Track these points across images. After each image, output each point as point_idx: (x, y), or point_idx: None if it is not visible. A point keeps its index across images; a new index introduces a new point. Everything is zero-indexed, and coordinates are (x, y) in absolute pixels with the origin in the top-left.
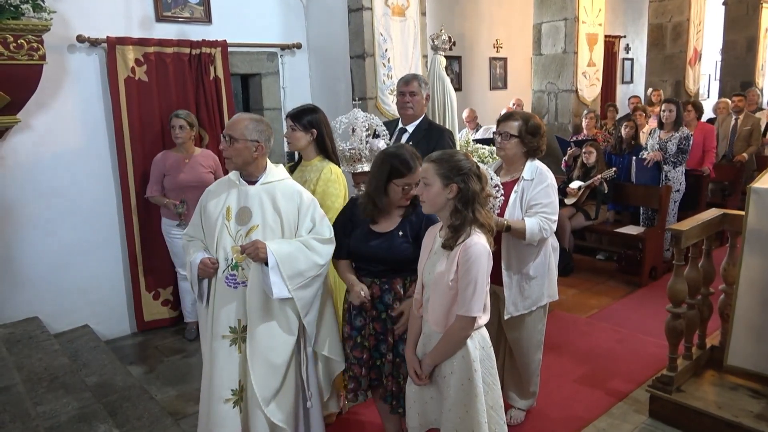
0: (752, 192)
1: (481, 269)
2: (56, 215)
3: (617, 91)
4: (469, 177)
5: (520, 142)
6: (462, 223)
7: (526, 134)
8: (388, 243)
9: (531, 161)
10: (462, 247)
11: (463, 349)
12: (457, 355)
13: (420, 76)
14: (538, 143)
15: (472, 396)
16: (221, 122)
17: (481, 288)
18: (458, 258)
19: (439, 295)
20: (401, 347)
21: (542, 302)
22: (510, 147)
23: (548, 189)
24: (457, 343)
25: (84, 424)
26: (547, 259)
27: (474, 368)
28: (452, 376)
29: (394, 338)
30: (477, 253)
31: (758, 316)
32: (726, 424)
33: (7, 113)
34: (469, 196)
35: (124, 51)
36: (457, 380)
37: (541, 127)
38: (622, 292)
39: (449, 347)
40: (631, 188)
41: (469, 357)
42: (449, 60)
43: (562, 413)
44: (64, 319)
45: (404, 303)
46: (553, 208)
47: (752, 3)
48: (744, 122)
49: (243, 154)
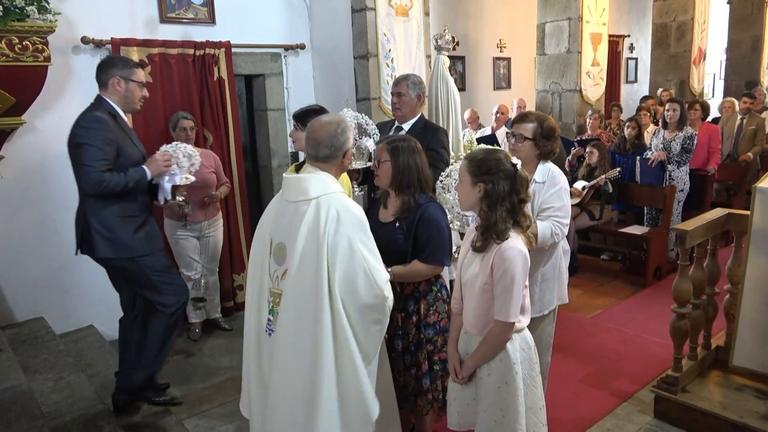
0: (757, 192)
1: (517, 273)
2: (61, 216)
3: (621, 90)
4: (497, 177)
5: (534, 145)
6: (489, 225)
7: (541, 137)
8: (389, 234)
9: (543, 164)
10: (497, 251)
11: (503, 352)
12: (495, 358)
13: (412, 76)
14: (551, 146)
15: (510, 399)
16: (225, 123)
17: (518, 293)
18: (493, 261)
19: (472, 297)
20: (396, 342)
21: (553, 306)
22: (524, 149)
23: (561, 192)
24: (497, 347)
25: (89, 423)
26: (558, 262)
27: (515, 371)
28: (489, 378)
29: (389, 333)
30: (511, 257)
31: (764, 316)
32: (731, 424)
33: (12, 114)
34: (496, 197)
35: (128, 52)
36: (495, 382)
37: (555, 129)
38: (626, 292)
39: (489, 351)
40: (636, 188)
41: (508, 359)
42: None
43: (566, 413)
44: (69, 319)
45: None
46: (565, 212)
47: (757, 2)
48: (749, 122)
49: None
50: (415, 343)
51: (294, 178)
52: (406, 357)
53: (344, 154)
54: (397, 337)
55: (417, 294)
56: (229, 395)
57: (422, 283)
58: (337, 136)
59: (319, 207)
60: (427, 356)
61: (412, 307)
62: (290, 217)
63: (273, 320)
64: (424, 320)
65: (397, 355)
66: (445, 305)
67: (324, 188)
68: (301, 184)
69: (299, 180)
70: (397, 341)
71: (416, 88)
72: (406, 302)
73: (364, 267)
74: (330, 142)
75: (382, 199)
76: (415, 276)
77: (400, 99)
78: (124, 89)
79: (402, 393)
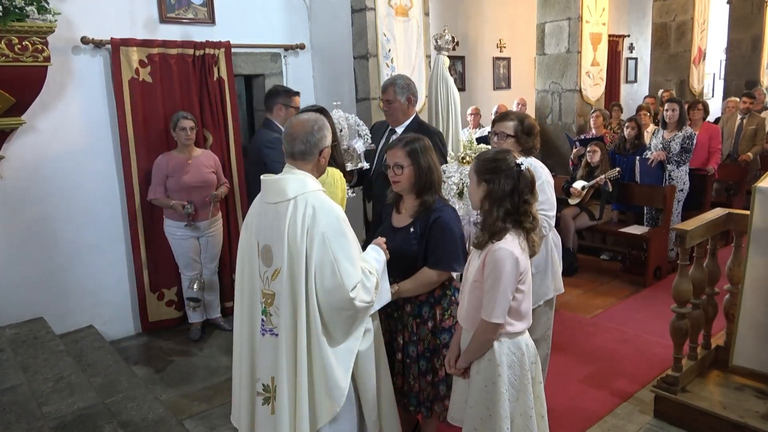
0: (757, 191)
1: (504, 275)
2: (61, 216)
3: (621, 90)
4: (499, 177)
5: (516, 142)
6: (487, 223)
7: (522, 134)
8: (404, 239)
9: (525, 159)
10: (489, 250)
11: (490, 351)
12: (484, 357)
13: (398, 80)
14: (533, 142)
15: (494, 400)
16: (225, 123)
17: (503, 294)
18: (485, 260)
19: (465, 293)
20: (411, 348)
21: (548, 296)
22: (507, 146)
23: (543, 186)
24: (482, 345)
25: (89, 424)
26: (549, 254)
27: (498, 373)
28: (478, 375)
29: (404, 339)
30: (500, 258)
31: (764, 316)
32: (731, 424)
33: (12, 115)
34: (497, 196)
35: (128, 52)
36: (482, 381)
37: (535, 126)
38: (626, 292)
39: (476, 348)
40: (636, 188)
41: (494, 360)
42: (453, 60)
43: (566, 413)
44: (69, 319)
45: (400, 283)
46: (549, 205)
47: (757, 2)
48: (749, 122)
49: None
50: (431, 349)
51: (272, 179)
52: (422, 363)
53: (320, 152)
54: (412, 343)
55: (432, 300)
56: (229, 395)
57: (437, 289)
58: (313, 133)
59: (296, 206)
60: (443, 363)
61: (427, 314)
62: (272, 218)
63: (266, 320)
64: (440, 325)
65: (412, 361)
66: None
67: (302, 187)
68: (280, 184)
69: (277, 181)
70: (411, 347)
71: (404, 91)
72: (420, 308)
73: (332, 265)
74: (305, 138)
75: (394, 204)
76: (425, 286)
77: (390, 106)
78: (284, 114)
79: (418, 399)
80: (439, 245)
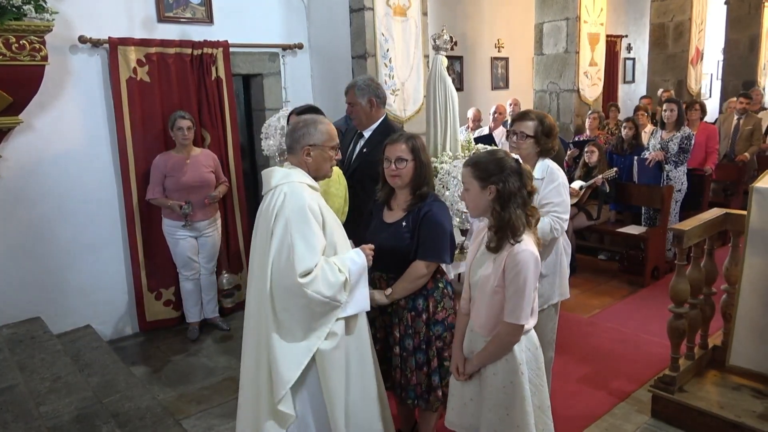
0: (754, 191)
1: (529, 276)
2: (58, 215)
3: (619, 90)
4: (506, 176)
5: (536, 143)
6: (502, 225)
7: (542, 135)
8: (395, 234)
9: (542, 160)
10: (509, 253)
11: (509, 352)
12: (501, 358)
13: (359, 81)
14: (552, 144)
15: (515, 399)
16: (222, 123)
17: (529, 295)
18: (505, 263)
19: (484, 299)
20: (407, 341)
21: (553, 300)
22: (525, 147)
23: (559, 188)
24: (505, 348)
25: (86, 424)
26: (559, 257)
27: (520, 371)
28: (495, 377)
29: (400, 332)
30: (524, 260)
31: (761, 316)
32: (728, 424)
33: (10, 114)
34: (508, 195)
35: (126, 51)
36: (500, 382)
37: (555, 127)
38: (624, 292)
39: (496, 352)
40: (633, 188)
41: (514, 360)
42: (451, 60)
43: (564, 413)
44: (67, 319)
45: (393, 285)
46: (564, 208)
47: (754, 2)
48: (746, 122)
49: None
50: (426, 340)
51: (266, 171)
52: (418, 355)
53: (303, 147)
54: (408, 336)
55: (425, 292)
56: (227, 395)
57: (429, 281)
58: (297, 130)
59: (275, 194)
60: (437, 353)
61: (421, 306)
62: (262, 207)
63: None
64: (433, 317)
65: (408, 354)
66: (452, 301)
67: (284, 177)
68: (269, 175)
69: (268, 172)
70: (407, 340)
71: (365, 93)
72: (415, 301)
73: (289, 248)
74: (291, 133)
75: (385, 200)
76: (416, 280)
77: (353, 109)
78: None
79: (415, 392)
80: (428, 237)
